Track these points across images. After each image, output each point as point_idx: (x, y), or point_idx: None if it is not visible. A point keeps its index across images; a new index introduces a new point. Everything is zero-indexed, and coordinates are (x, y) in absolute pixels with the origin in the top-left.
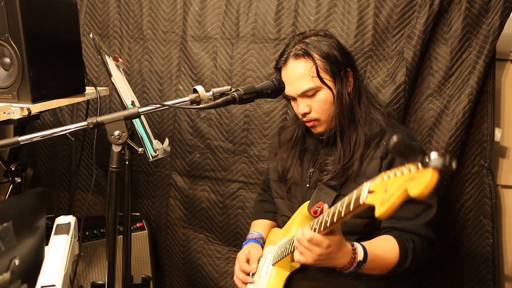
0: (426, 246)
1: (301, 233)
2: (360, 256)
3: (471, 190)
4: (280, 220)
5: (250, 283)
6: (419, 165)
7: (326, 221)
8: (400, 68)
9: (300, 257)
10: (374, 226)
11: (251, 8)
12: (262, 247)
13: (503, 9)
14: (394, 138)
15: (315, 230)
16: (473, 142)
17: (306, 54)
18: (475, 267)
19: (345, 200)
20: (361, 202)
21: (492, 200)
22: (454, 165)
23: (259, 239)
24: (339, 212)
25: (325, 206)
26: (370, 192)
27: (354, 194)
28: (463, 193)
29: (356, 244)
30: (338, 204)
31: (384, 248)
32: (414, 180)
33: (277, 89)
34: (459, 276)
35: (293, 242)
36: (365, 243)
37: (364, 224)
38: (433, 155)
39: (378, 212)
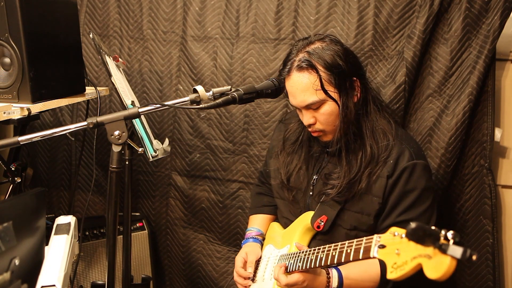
0: None
1: (278, 278)
2: (334, 283)
3: (471, 190)
4: (281, 221)
5: (249, 286)
6: (437, 248)
7: (333, 257)
8: (400, 68)
9: None
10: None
11: (251, 8)
12: (262, 244)
13: (503, 9)
14: (412, 225)
15: (321, 260)
16: (473, 142)
17: (310, 66)
18: (475, 267)
19: (353, 244)
20: (371, 255)
21: (492, 200)
22: (474, 257)
23: (258, 237)
24: (347, 254)
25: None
26: (381, 246)
27: (363, 242)
28: (463, 193)
29: (332, 272)
30: (346, 244)
31: (363, 273)
32: (431, 260)
33: (277, 89)
34: (459, 276)
35: (296, 258)
36: (343, 269)
37: (371, 223)
38: (453, 246)
39: (390, 276)
